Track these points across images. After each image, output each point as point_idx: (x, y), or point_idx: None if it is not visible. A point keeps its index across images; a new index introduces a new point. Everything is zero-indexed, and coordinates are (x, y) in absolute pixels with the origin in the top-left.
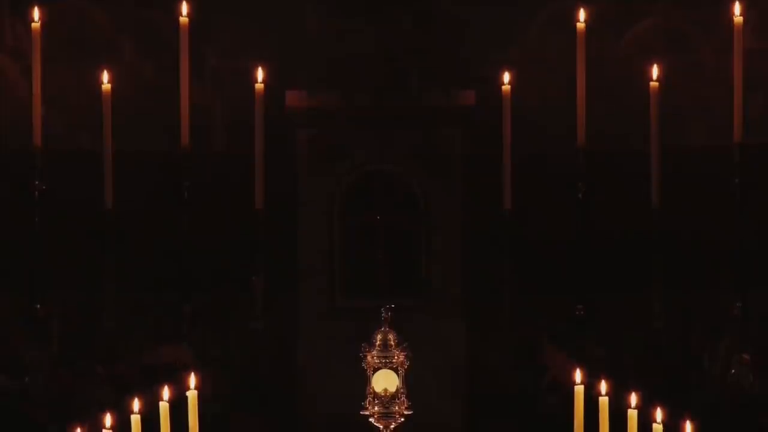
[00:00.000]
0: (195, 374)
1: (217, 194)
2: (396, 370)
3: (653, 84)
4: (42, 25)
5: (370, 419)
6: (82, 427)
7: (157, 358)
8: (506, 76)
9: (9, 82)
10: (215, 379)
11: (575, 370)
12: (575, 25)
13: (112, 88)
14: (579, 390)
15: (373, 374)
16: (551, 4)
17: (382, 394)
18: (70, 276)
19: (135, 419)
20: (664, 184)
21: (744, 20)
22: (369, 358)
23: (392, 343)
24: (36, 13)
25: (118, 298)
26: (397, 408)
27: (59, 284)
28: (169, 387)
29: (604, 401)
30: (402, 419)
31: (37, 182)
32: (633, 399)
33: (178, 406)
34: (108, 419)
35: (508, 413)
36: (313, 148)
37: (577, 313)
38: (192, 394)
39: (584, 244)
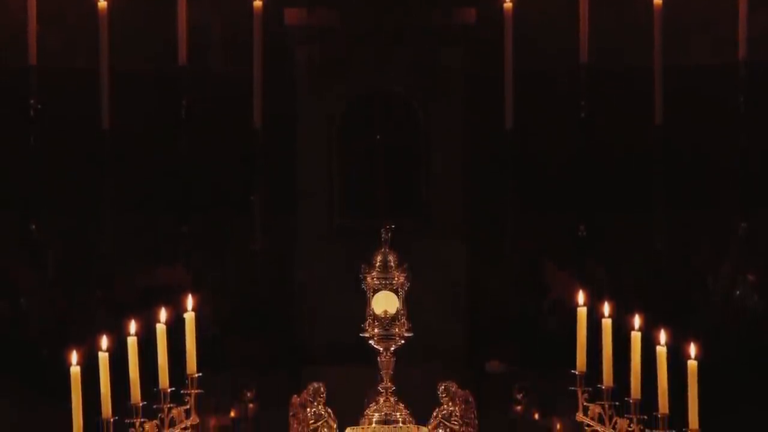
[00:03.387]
0: (192, 296)
1: (215, 113)
2: (396, 292)
3: (656, 0)
4: None
5: (370, 341)
6: (78, 350)
7: (154, 279)
8: None
9: None
10: (213, 301)
11: (577, 291)
12: None
13: (108, 5)
14: (581, 311)
15: (372, 296)
16: None
17: (382, 315)
18: (66, 197)
19: (131, 341)
20: (666, 102)
21: None
22: (369, 279)
23: (392, 264)
24: None
25: (115, 219)
26: (397, 330)
27: (55, 206)
28: (165, 309)
29: (607, 323)
30: (402, 341)
31: (32, 101)
32: (636, 321)
33: (175, 328)
34: (104, 342)
35: (508, 335)
36: (312, 66)
37: (579, 233)
38: (189, 316)
39: (586, 162)
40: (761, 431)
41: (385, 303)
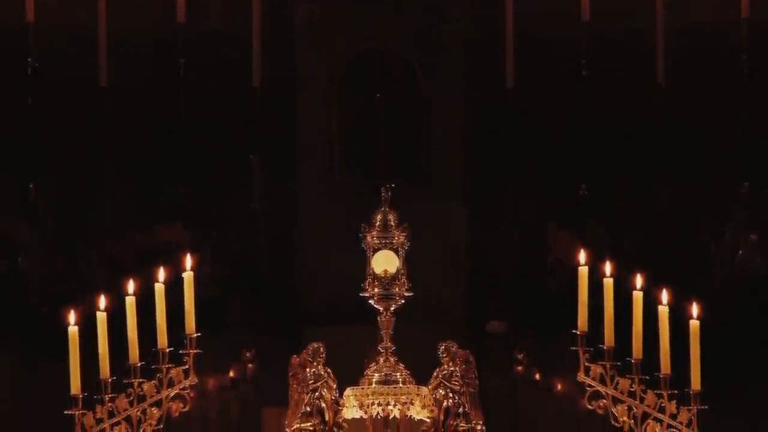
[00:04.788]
0: (191, 256)
1: (214, 73)
2: (396, 251)
3: None
4: None
5: (370, 301)
6: (76, 310)
7: (153, 239)
8: None
9: None
10: (213, 261)
11: (578, 251)
12: None
13: None
14: (583, 271)
15: (372, 255)
16: None
17: (382, 275)
18: (64, 156)
19: (130, 301)
20: (668, 62)
21: None
22: (369, 238)
23: (392, 223)
24: None
25: (114, 179)
26: (397, 289)
27: (53, 165)
28: (164, 269)
29: (608, 283)
30: (402, 301)
31: (30, 59)
32: (638, 281)
33: (174, 287)
34: (102, 301)
35: (509, 295)
36: (312, 24)
37: (581, 193)
38: (188, 276)
39: (587, 123)
40: (764, 391)
41: (385, 262)
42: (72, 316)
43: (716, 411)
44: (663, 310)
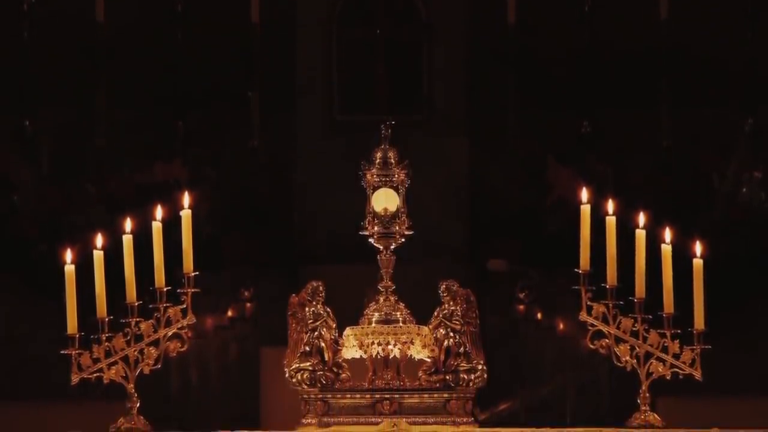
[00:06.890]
0: (189, 194)
1: (212, 7)
2: (396, 189)
3: None
4: None
5: (370, 240)
6: (72, 248)
7: (150, 176)
8: None
9: None
10: (211, 199)
11: (580, 188)
12: None
13: None
14: (585, 209)
15: (372, 193)
16: None
17: (382, 213)
18: (60, 92)
19: (127, 239)
20: None
21: None
22: (368, 176)
23: (392, 161)
24: None
25: (110, 115)
26: (397, 228)
27: (49, 101)
28: (162, 206)
29: (610, 221)
30: (402, 239)
31: None
32: (641, 219)
33: (172, 225)
34: (99, 240)
35: (511, 233)
36: None
37: (583, 129)
38: (186, 214)
39: (590, 58)
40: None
41: (385, 200)
42: (68, 255)
43: (719, 346)
44: (666, 249)
